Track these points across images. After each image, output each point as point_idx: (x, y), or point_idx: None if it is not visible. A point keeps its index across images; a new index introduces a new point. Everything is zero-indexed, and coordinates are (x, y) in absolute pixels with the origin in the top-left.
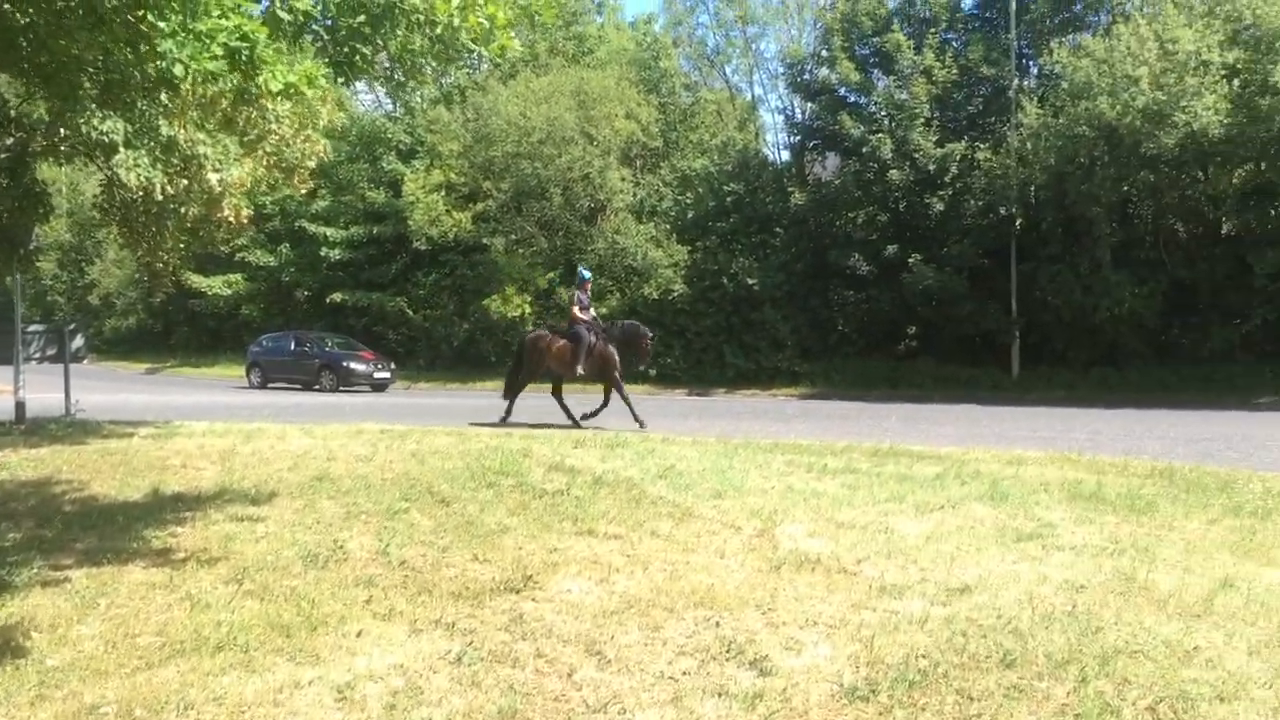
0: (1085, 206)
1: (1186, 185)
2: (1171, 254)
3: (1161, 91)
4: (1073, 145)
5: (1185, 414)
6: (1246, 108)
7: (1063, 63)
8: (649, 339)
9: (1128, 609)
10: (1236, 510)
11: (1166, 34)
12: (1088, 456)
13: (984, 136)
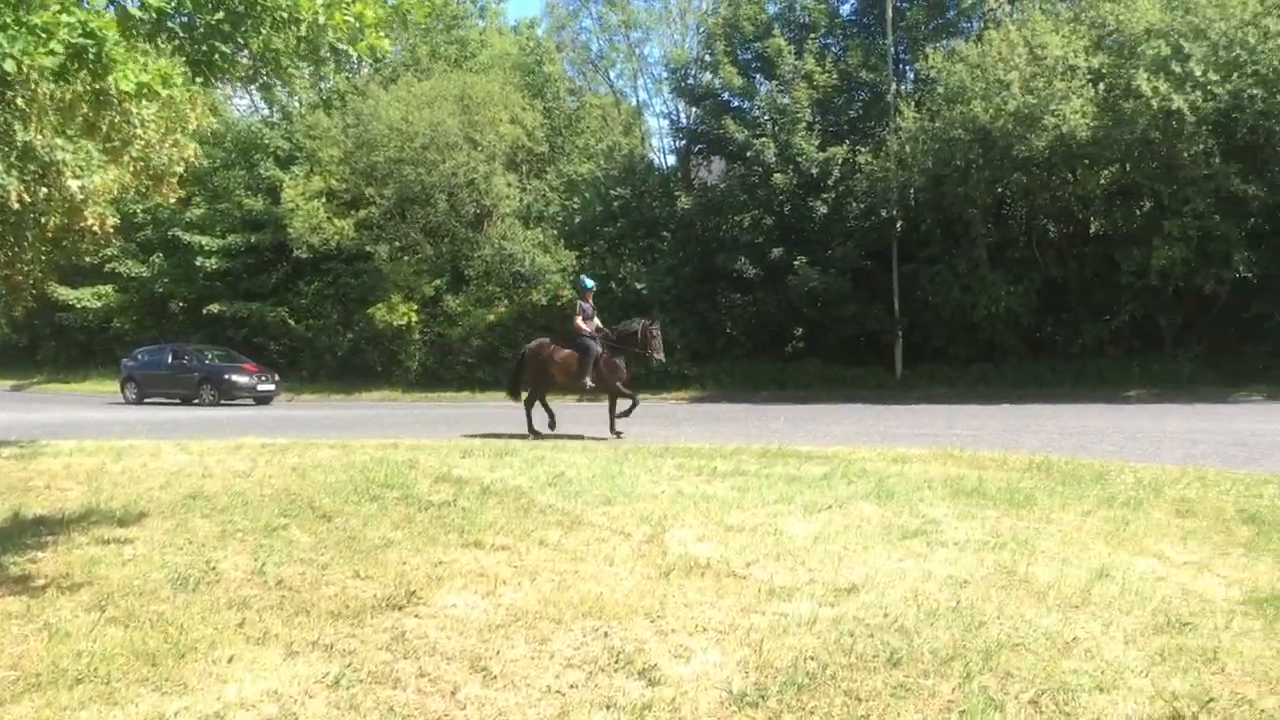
0: (962, 208)
1: (1057, 186)
2: (1044, 253)
3: (1031, 95)
4: (949, 148)
5: (1060, 408)
6: (1111, 111)
7: (937, 68)
8: (650, 328)
9: (1009, 602)
10: (1110, 501)
11: (1035, 40)
12: (969, 452)
13: (865, 140)
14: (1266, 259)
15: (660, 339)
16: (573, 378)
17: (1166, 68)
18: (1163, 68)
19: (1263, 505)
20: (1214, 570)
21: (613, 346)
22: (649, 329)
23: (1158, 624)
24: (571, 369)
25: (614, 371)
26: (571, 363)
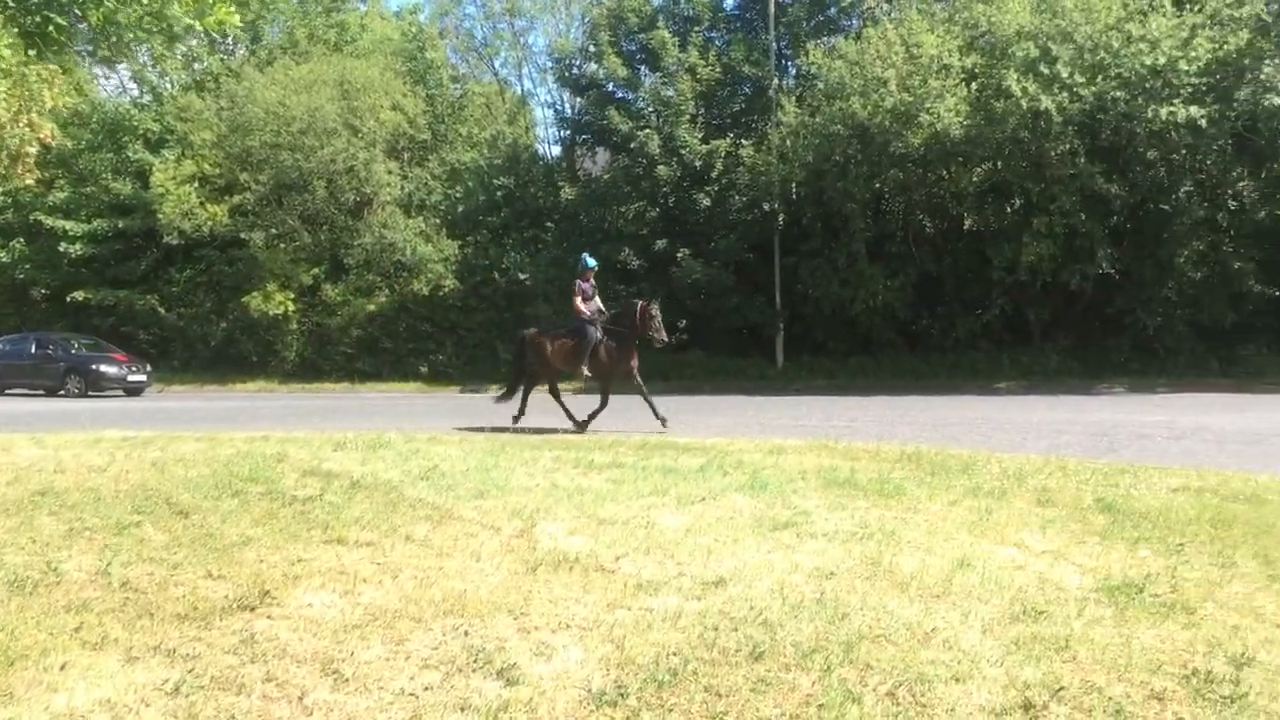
0: (841, 203)
1: (932, 183)
2: (920, 248)
3: (908, 93)
4: (829, 143)
5: (934, 399)
6: (983, 110)
7: (818, 64)
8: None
9: (873, 593)
10: (975, 491)
11: (912, 39)
12: (844, 443)
13: (747, 134)
14: (1128, 256)
15: (660, 319)
16: (571, 365)
17: (1035, 69)
18: (1032, 69)
19: (1118, 494)
20: (1070, 559)
21: (609, 331)
22: (646, 309)
23: (1014, 613)
24: (568, 355)
25: (615, 359)
26: (568, 349)
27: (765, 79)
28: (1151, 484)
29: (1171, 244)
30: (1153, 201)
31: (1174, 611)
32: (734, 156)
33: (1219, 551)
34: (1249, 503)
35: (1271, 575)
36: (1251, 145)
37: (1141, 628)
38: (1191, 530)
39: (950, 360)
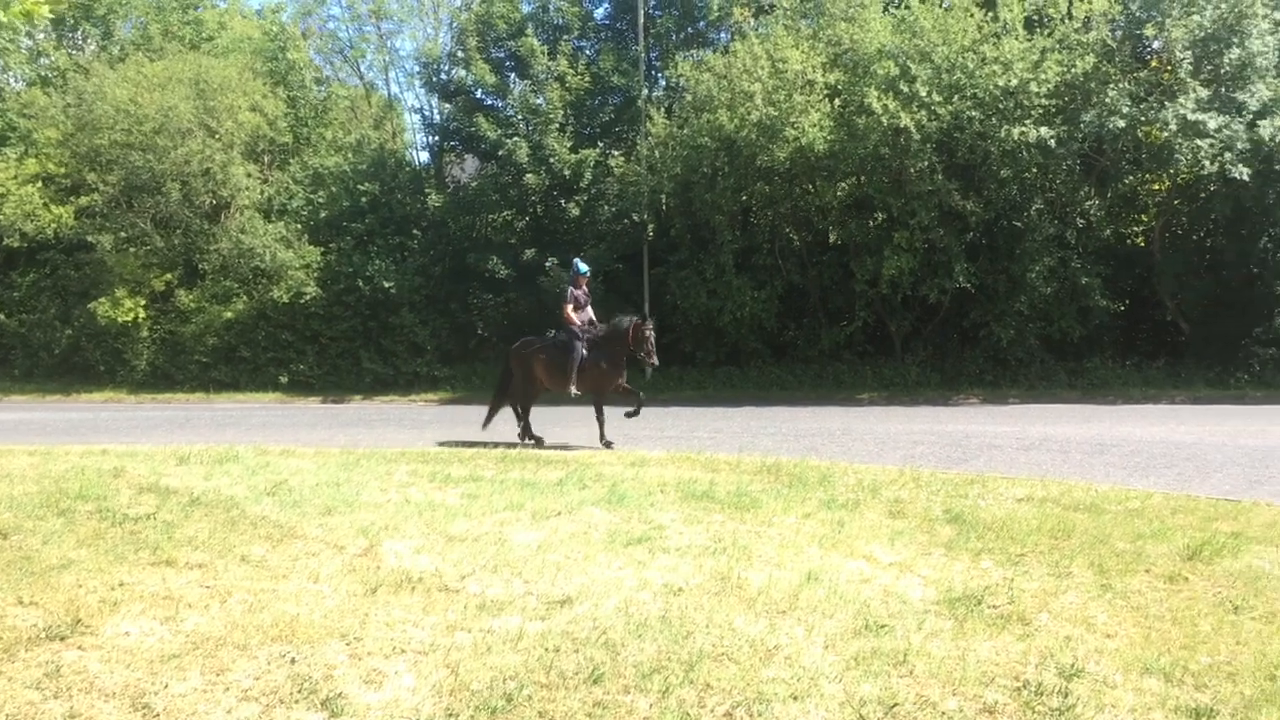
0: (709, 214)
1: (799, 196)
2: (787, 260)
3: (773, 107)
4: (697, 155)
5: (798, 410)
6: (846, 126)
7: (686, 76)
8: (643, 326)
9: (720, 610)
10: (830, 503)
11: (777, 54)
12: (706, 455)
13: (617, 144)
14: (983, 271)
15: (653, 339)
16: (557, 381)
17: (896, 87)
18: (892, 87)
19: (966, 505)
20: (916, 571)
21: (597, 344)
22: (641, 328)
23: (857, 627)
24: (554, 372)
25: (602, 376)
26: (554, 365)
27: (635, 90)
28: (998, 494)
29: (1024, 259)
30: (1006, 218)
31: (1010, 623)
32: (603, 166)
33: (1057, 561)
34: (1088, 512)
35: (1104, 584)
36: (1097, 166)
37: (978, 640)
38: (1032, 540)
39: (815, 371)
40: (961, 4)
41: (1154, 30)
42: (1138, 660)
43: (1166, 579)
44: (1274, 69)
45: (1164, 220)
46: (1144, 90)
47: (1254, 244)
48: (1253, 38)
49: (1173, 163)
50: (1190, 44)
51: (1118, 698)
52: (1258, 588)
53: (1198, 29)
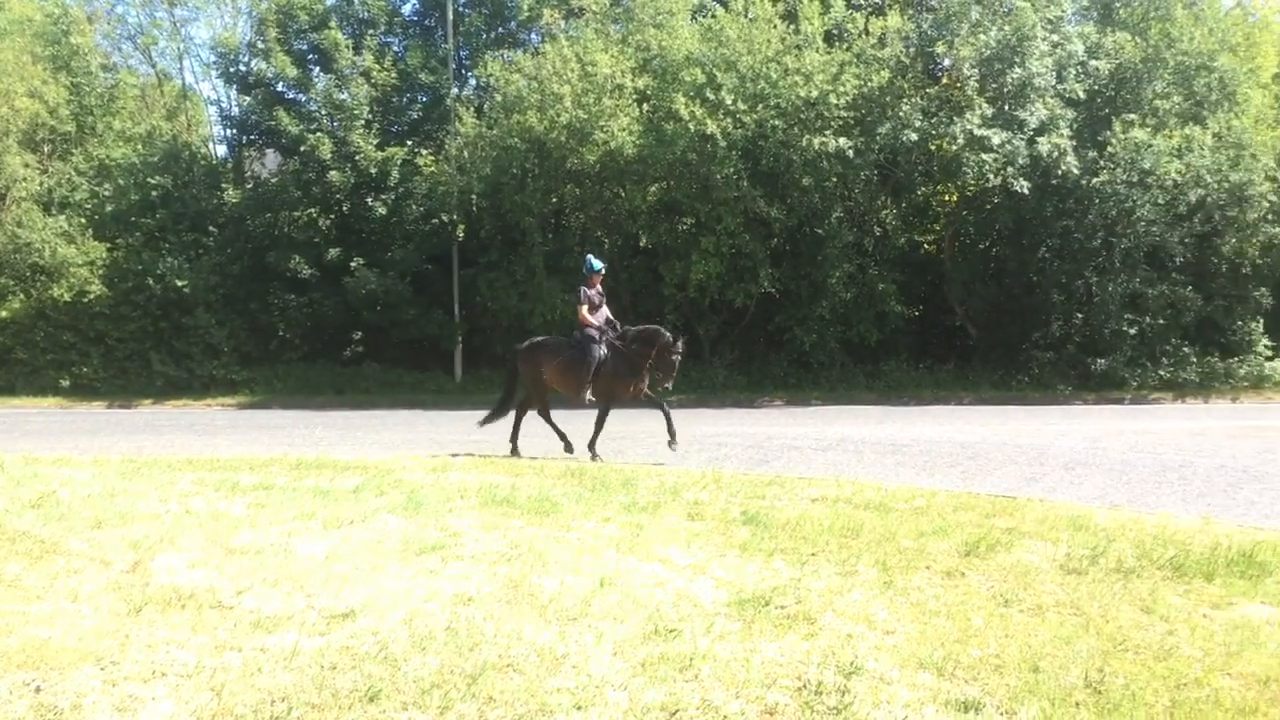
0: (519, 216)
1: (609, 200)
2: None
3: (583, 110)
4: (507, 156)
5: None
6: (655, 131)
7: (496, 76)
8: (671, 345)
9: (510, 619)
10: (631, 506)
11: (587, 57)
12: (511, 458)
13: (426, 143)
14: (787, 276)
15: (677, 363)
16: (571, 387)
17: (703, 94)
18: (699, 94)
19: (763, 506)
20: (710, 573)
21: (621, 349)
22: (669, 348)
23: (647, 632)
24: (568, 376)
25: (617, 382)
26: (568, 368)
27: (444, 88)
28: (794, 495)
29: (825, 266)
30: (809, 225)
31: (796, 623)
32: (411, 165)
33: (844, 560)
34: (877, 511)
35: (887, 582)
36: (893, 176)
37: (765, 641)
38: (823, 540)
39: None
40: (765, 16)
41: (944, 49)
42: (914, 656)
43: (945, 574)
44: (1051, 90)
45: (953, 230)
46: (935, 105)
47: (1034, 254)
48: (1033, 59)
49: (961, 175)
50: (977, 63)
51: (893, 694)
52: (1027, 581)
53: (984, 48)
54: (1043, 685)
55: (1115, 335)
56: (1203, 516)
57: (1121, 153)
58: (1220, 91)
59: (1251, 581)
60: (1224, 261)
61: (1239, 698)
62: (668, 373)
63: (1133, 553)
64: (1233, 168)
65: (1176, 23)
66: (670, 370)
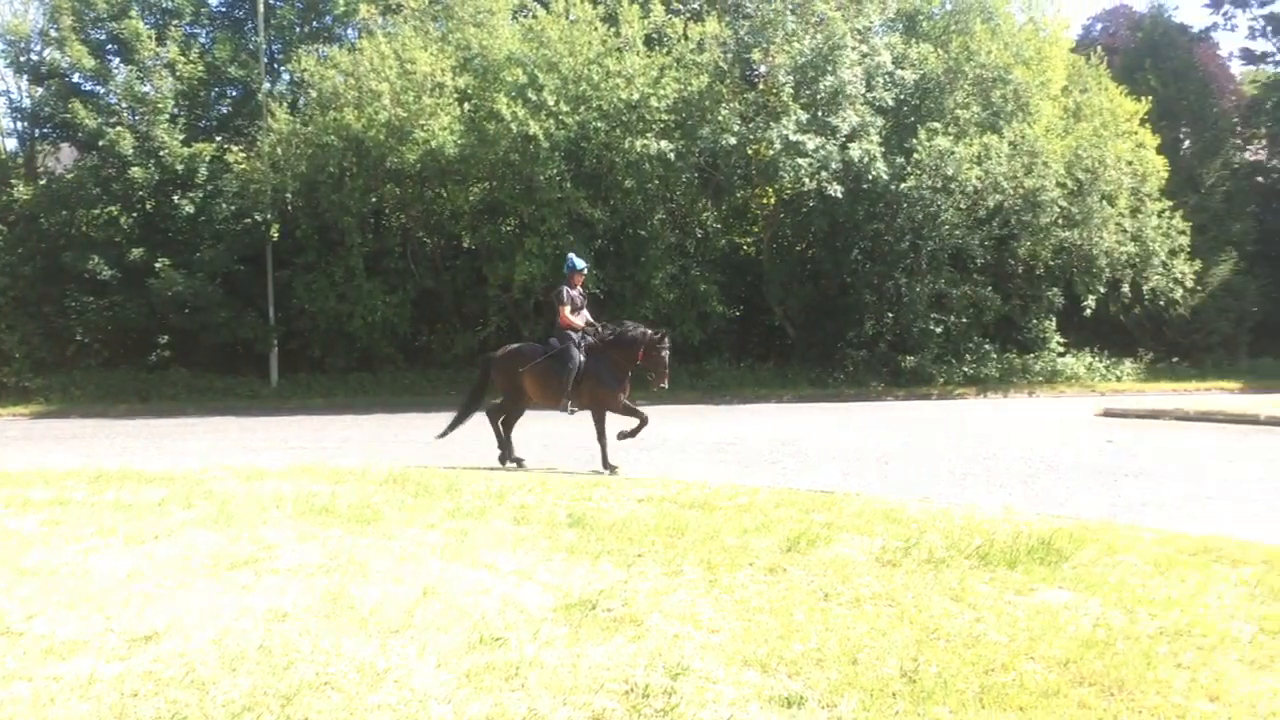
0: (337, 216)
1: (431, 200)
2: (419, 264)
3: (402, 108)
4: (323, 154)
5: (432, 416)
6: (477, 131)
7: (311, 71)
8: (658, 342)
9: (329, 634)
10: (456, 512)
11: (406, 54)
12: (331, 465)
13: (236, 139)
14: (611, 278)
15: (667, 359)
16: (549, 395)
17: (524, 95)
18: (521, 95)
19: (589, 507)
20: (536, 577)
21: (598, 352)
22: (656, 344)
23: (471, 642)
24: (547, 385)
25: (603, 390)
26: (546, 377)
27: (255, 82)
28: (621, 496)
29: (648, 267)
30: (632, 226)
31: (623, 625)
32: (221, 162)
33: (670, 560)
34: (701, 509)
35: (712, 580)
36: (713, 179)
37: (592, 645)
38: (649, 540)
39: (450, 376)
40: (586, 18)
41: (760, 55)
42: (739, 653)
43: (768, 571)
44: (861, 97)
45: (771, 232)
46: (752, 110)
47: (847, 255)
48: (844, 68)
49: (778, 179)
50: (791, 70)
51: (719, 693)
52: (846, 575)
53: (798, 56)
54: (861, 677)
55: (923, 334)
56: (1005, 506)
57: (926, 159)
58: (1015, 102)
59: (1050, 568)
60: (1020, 263)
61: (1043, 680)
62: (660, 371)
63: (943, 543)
64: (1027, 175)
65: (975, 37)
66: (662, 367)
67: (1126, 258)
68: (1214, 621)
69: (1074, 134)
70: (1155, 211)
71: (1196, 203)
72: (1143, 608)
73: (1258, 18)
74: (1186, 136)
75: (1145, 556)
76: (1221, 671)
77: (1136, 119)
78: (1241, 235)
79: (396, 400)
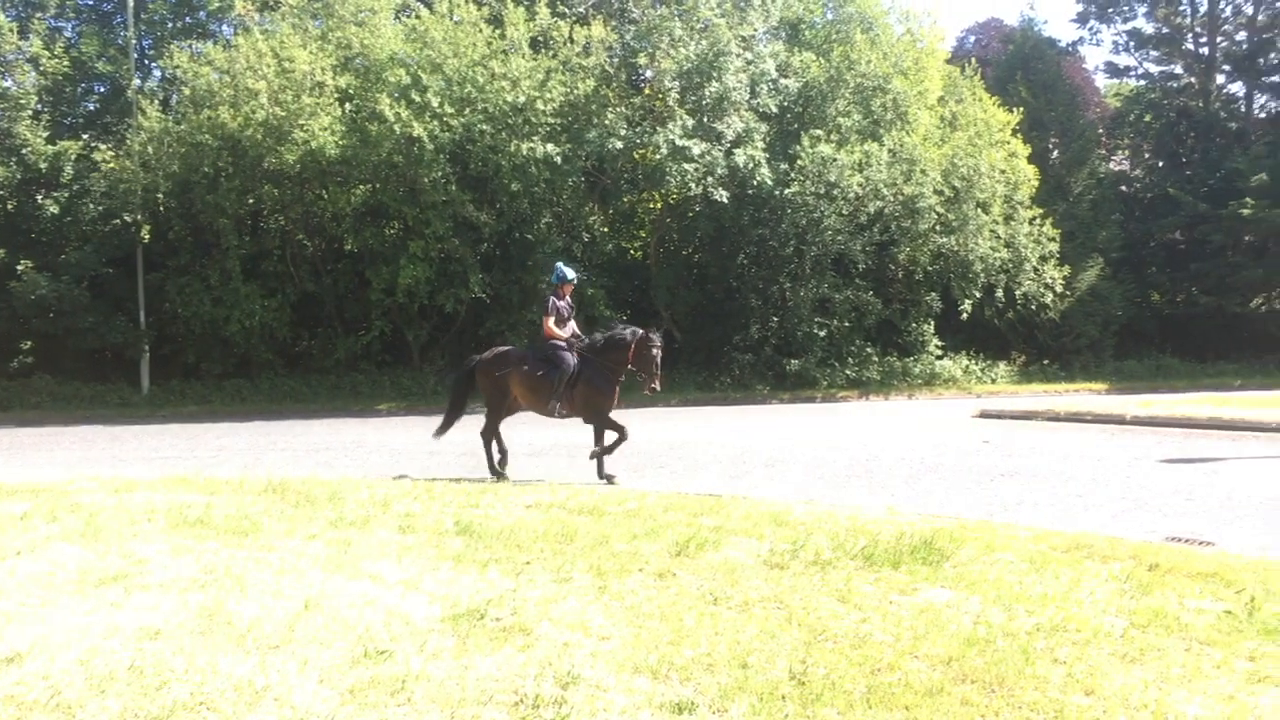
0: (213, 217)
1: (311, 202)
2: (299, 268)
3: (280, 108)
4: (197, 154)
5: (313, 423)
6: (359, 132)
7: (184, 68)
8: (648, 342)
9: (204, 651)
10: (339, 522)
11: (284, 52)
12: (206, 475)
13: (104, 137)
14: (497, 281)
15: (659, 357)
16: (538, 401)
17: (408, 96)
18: (404, 95)
19: (477, 515)
20: (423, 588)
21: (590, 359)
22: (646, 343)
23: (355, 656)
24: (535, 388)
25: (596, 395)
26: (535, 380)
27: (124, 79)
28: (509, 502)
29: (535, 271)
30: (518, 230)
31: (512, 635)
32: (88, 160)
33: (559, 567)
34: (590, 515)
35: (602, 587)
36: (600, 183)
37: (480, 656)
38: (538, 548)
39: (331, 382)
40: (471, 19)
41: (646, 60)
42: (629, 660)
43: (658, 576)
44: (746, 104)
45: (658, 236)
46: (639, 115)
47: (733, 260)
48: (729, 74)
49: (664, 184)
50: (677, 75)
51: (610, 701)
52: (735, 578)
53: (684, 62)
54: (751, 681)
55: (807, 338)
56: (888, 507)
57: (810, 166)
58: (894, 111)
59: (933, 567)
60: (900, 268)
61: (927, 679)
62: (651, 372)
63: (829, 545)
64: (906, 182)
65: (855, 46)
66: (654, 368)
67: (1000, 263)
68: (1087, 617)
69: (950, 143)
70: (1027, 219)
71: (1065, 211)
72: (1020, 605)
73: (1121, 33)
74: (1055, 147)
75: (1022, 554)
76: (1096, 665)
77: (1009, 129)
78: (1107, 242)
79: (276, 407)
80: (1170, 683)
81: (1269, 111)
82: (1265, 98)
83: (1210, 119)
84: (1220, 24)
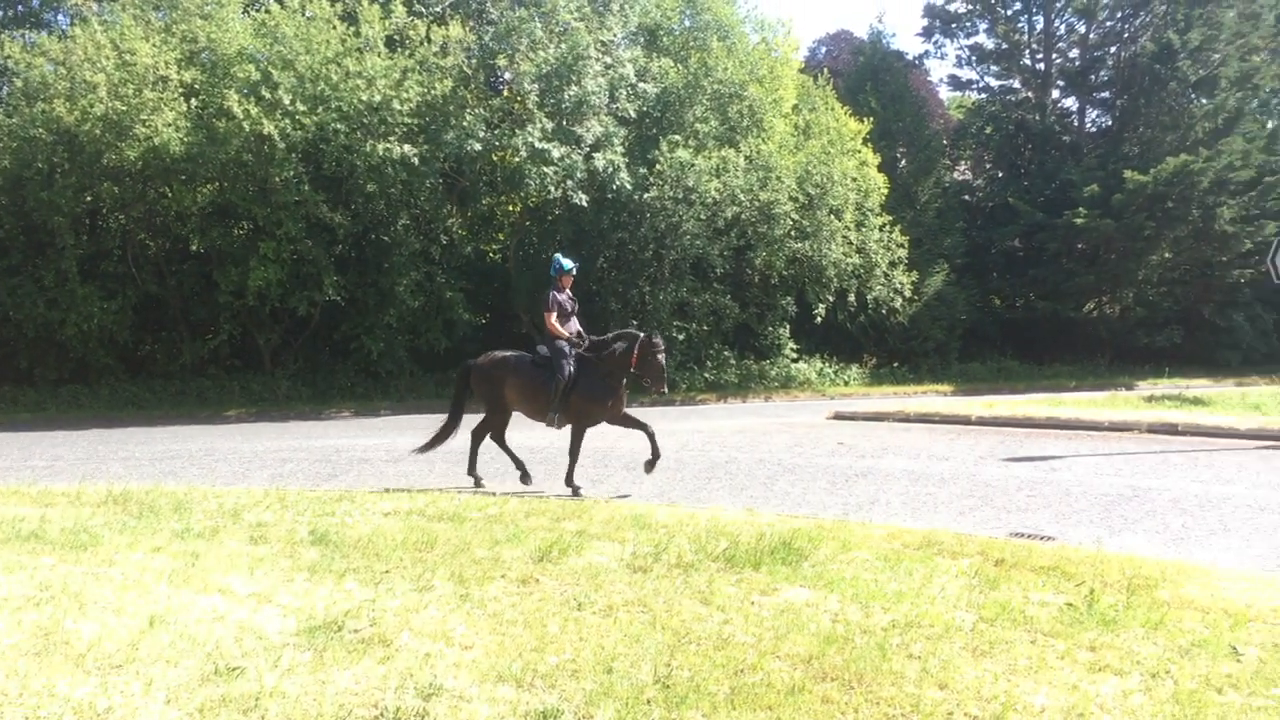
0: (47, 215)
1: (154, 200)
2: (142, 269)
3: (121, 102)
4: (30, 148)
5: (156, 430)
6: (206, 128)
7: (16, 59)
8: (651, 345)
9: (39, 673)
10: (185, 534)
11: (124, 44)
12: (40, 487)
13: None
14: (353, 284)
15: (664, 361)
16: (535, 407)
17: (258, 92)
18: (254, 92)
19: (333, 524)
20: (276, 601)
21: (589, 364)
22: (649, 347)
23: (205, 674)
24: (533, 397)
25: (591, 404)
26: (533, 388)
27: None
28: (366, 510)
29: (392, 273)
30: (374, 232)
31: (372, 646)
32: None
33: (419, 575)
34: (451, 521)
35: (463, 595)
36: (458, 185)
37: (338, 670)
38: (397, 556)
39: (177, 387)
40: (324, 15)
41: (505, 62)
42: (493, 669)
43: (520, 582)
44: (605, 108)
45: (518, 239)
46: (497, 117)
47: (593, 264)
48: (588, 78)
49: (524, 186)
50: (537, 78)
51: (474, 711)
52: (598, 583)
53: (543, 65)
54: (616, 686)
55: (666, 341)
56: (747, 509)
57: (668, 170)
58: (750, 118)
59: (792, 567)
60: (756, 273)
61: (789, 678)
62: (657, 377)
63: (690, 547)
64: (762, 188)
65: (712, 54)
66: (660, 373)
67: (852, 268)
68: (939, 612)
69: (804, 150)
70: (877, 225)
71: (913, 218)
72: (876, 602)
73: (964, 47)
74: (903, 156)
75: (876, 552)
76: (948, 660)
77: (860, 138)
78: (952, 249)
79: (116, 414)
80: (1018, 674)
81: (1099, 125)
82: (1096, 112)
83: (1046, 132)
84: (1055, 41)
